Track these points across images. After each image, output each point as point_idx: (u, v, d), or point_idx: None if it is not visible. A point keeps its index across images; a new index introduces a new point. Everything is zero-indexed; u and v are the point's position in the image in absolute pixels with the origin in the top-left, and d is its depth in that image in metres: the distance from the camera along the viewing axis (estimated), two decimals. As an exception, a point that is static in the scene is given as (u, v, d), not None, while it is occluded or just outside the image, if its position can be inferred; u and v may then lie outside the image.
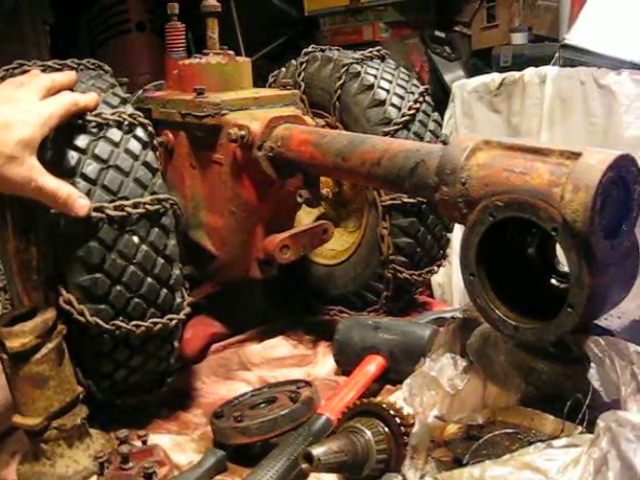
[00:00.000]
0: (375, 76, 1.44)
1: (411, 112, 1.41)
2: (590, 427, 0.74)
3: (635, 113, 2.09)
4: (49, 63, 1.15)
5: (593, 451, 0.67)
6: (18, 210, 1.03)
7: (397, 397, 1.05)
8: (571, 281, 0.76)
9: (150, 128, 1.11)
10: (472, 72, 2.98)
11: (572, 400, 0.78)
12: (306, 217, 1.53)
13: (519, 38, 2.78)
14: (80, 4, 3.21)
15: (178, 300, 1.11)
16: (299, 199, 1.28)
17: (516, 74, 2.39)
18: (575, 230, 0.74)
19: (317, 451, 0.86)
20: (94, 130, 1.05)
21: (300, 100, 1.44)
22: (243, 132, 1.21)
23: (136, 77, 2.67)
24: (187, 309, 1.13)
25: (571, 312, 0.76)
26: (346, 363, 1.30)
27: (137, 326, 1.06)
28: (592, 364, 0.76)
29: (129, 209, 1.03)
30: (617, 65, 2.16)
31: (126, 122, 1.07)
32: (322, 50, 1.55)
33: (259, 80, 1.51)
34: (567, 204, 0.74)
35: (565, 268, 0.82)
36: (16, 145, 0.92)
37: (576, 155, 0.77)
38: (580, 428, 0.77)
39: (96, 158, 1.03)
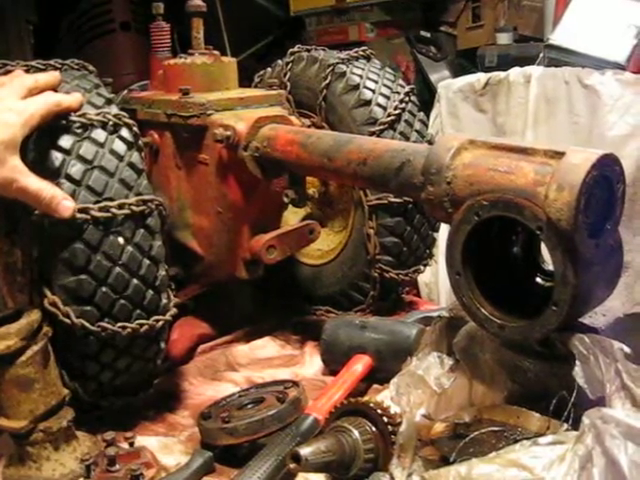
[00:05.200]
0: (361, 76, 1.44)
1: (397, 112, 1.41)
2: (575, 424, 0.74)
3: (619, 113, 2.11)
4: (33, 63, 1.14)
5: (578, 448, 0.68)
6: (2, 211, 1.03)
7: (384, 396, 1.05)
8: (556, 279, 0.77)
9: (135, 128, 1.11)
10: (458, 72, 2.99)
11: (558, 398, 0.78)
12: (292, 217, 1.53)
13: (504, 38, 2.80)
14: (64, 4, 3.19)
15: (164, 301, 1.11)
16: (285, 199, 1.28)
17: (501, 74, 2.41)
18: (559, 229, 0.75)
19: (305, 451, 0.86)
20: (79, 131, 1.04)
21: (286, 100, 1.44)
22: (229, 132, 1.20)
23: (121, 77, 2.65)
24: (173, 310, 1.13)
25: (556, 310, 0.77)
26: (333, 363, 1.30)
27: (123, 327, 1.05)
28: (577, 362, 0.77)
29: (114, 210, 1.03)
30: (601, 65, 2.17)
31: (111, 122, 1.07)
32: (308, 50, 1.55)
33: (245, 80, 1.51)
34: (551, 203, 0.75)
35: (550, 267, 0.82)
36: None
37: (560, 154, 0.78)
38: (566, 425, 0.77)
39: (81, 159, 1.03)
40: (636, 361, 0.76)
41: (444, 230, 1.57)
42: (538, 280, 0.90)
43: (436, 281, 2.43)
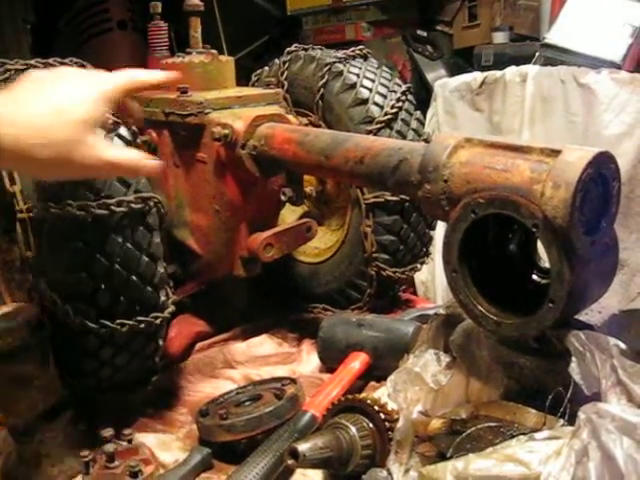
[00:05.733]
0: (358, 75, 1.44)
1: (394, 111, 1.42)
2: (571, 420, 0.75)
3: (614, 111, 2.12)
4: (32, 62, 1.14)
5: (574, 442, 0.68)
6: (0, 210, 1.03)
7: (381, 393, 1.06)
8: (552, 277, 0.78)
9: (133, 127, 1.11)
10: (454, 71, 2.99)
11: (554, 394, 0.79)
12: (290, 215, 1.53)
13: (500, 37, 2.80)
14: (61, 2, 3.18)
15: (162, 298, 1.11)
16: (283, 197, 1.28)
17: (497, 73, 2.41)
18: (555, 226, 0.75)
19: (302, 447, 0.86)
20: (77, 129, 1.04)
21: (283, 99, 1.45)
22: (226, 131, 1.21)
23: (118, 76, 2.65)
24: (171, 307, 1.14)
25: (552, 307, 0.77)
26: (330, 360, 1.31)
27: (122, 325, 1.06)
28: (573, 358, 0.77)
29: (113, 208, 1.03)
30: (597, 64, 2.18)
31: (109, 121, 1.07)
32: (305, 49, 1.55)
33: (242, 79, 1.51)
34: (547, 201, 0.75)
35: (546, 264, 0.83)
36: (67, 128, 0.86)
37: (556, 152, 0.78)
38: (562, 421, 0.78)
39: (79, 157, 1.03)
40: (632, 357, 0.77)
41: (441, 228, 1.58)
42: (534, 277, 0.91)
43: (433, 279, 2.43)
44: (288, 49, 1.55)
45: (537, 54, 2.37)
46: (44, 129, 0.83)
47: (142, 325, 1.08)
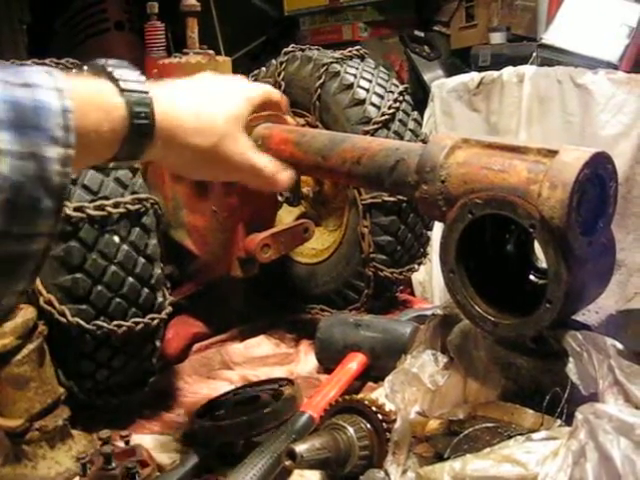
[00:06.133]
0: (355, 75, 1.44)
1: (391, 111, 1.42)
2: (569, 420, 0.75)
3: (611, 112, 2.12)
4: (28, 62, 1.14)
5: (571, 443, 0.68)
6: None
7: (379, 394, 1.06)
8: (549, 277, 0.77)
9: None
10: (451, 71, 2.99)
11: (551, 394, 0.79)
12: (287, 216, 1.53)
13: (497, 38, 2.80)
14: (58, 3, 3.18)
15: (160, 300, 1.11)
16: (280, 198, 1.28)
17: (495, 73, 2.41)
18: (552, 227, 0.75)
19: (300, 448, 0.86)
20: (74, 130, 1.04)
21: (280, 99, 1.44)
22: (224, 131, 1.20)
23: (115, 77, 2.64)
24: (169, 309, 1.14)
25: (549, 307, 0.77)
26: (328, 361, 1.31)
27: (119, 326, 1.06)
28: (570, 358, 0.77)
29: (110, 209, 1.03)
30: (594, 64, 2.18)
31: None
32: (302, 49, 1.55)
33: (239, 79, 1.51)
34: (544, 201, 0.75)
35: (543, 264, 0.83)
36: (226, 121, 0.88)
37: (553, 153, 0.78)
38: (559, 421, 0.78)
39: (76, 158, 1.03)
40: (629, 357, 0.77)
41: (438, 229, 1.58)
42: (532, 278, 0.91)
43: (430, 279, 2.43)
44: (285, 49, 1.55)
45: (534, 54, 2.37)
46: (200, 116, 0.83)
47: (139, 326, 1.07)
